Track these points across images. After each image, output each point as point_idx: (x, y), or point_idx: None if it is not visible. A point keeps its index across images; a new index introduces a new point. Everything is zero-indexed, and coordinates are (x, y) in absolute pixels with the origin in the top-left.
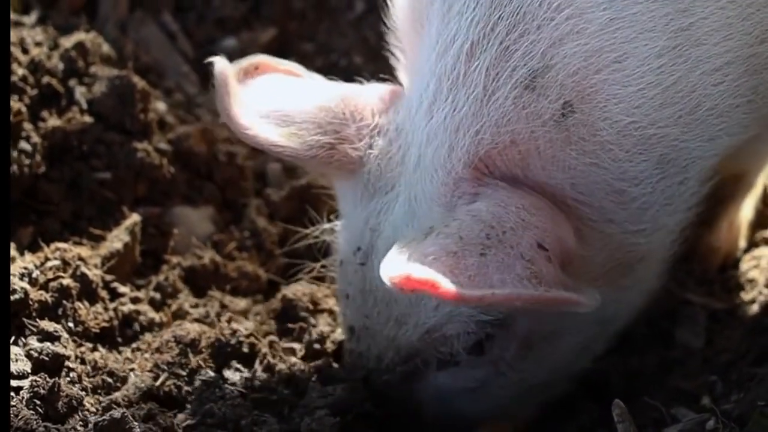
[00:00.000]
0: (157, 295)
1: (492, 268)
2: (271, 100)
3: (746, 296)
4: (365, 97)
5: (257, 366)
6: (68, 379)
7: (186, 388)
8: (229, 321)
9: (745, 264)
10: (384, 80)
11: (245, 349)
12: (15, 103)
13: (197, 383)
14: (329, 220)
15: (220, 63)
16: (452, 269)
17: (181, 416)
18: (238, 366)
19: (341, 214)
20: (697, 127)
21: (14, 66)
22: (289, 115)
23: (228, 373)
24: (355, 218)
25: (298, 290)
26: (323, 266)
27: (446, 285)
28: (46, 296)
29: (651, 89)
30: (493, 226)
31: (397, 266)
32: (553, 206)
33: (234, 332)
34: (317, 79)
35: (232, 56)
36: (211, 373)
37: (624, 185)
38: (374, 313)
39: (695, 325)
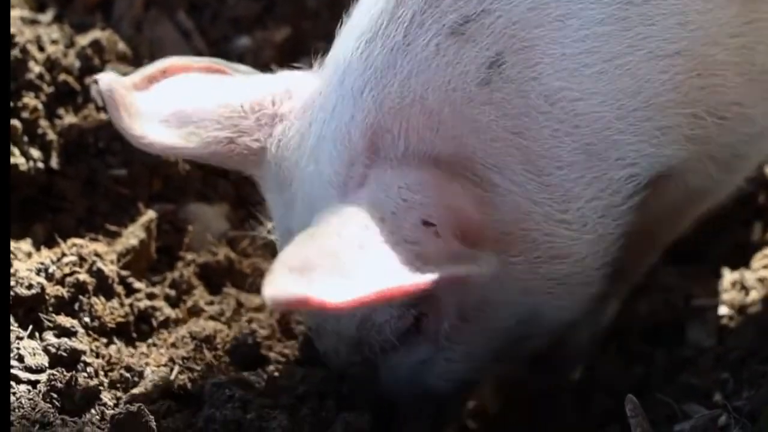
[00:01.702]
0: (172, 292)
1: (371, 259)
2: (172, 102)
3: (757, 294)
4: (269, 86)
5: (272, 367)
6: (85, 373)
7: (201, 383)
8: (249, 321)
9: (757, 262)
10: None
11: (263, 351)
12: (31, 100)
13: (212, 380)
14: None
15: (104, 79)
16: (330, 271)
17: (195, 411)
18: (254, 366)
19: (266, 195)
20: (632, 117)
21: (31, 63)
22: (187, 114)
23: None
24: (276, 212)
25: None
26: None
27: (319, 298)
28: (63, 291)
29: (589, 56)
30: (372, 215)
31: (271, 291)
32: (449, 176)
33: (252, 333)
34: (241, 71)
35: (246, 55)
36: (224, 373)
37: (545, 163)
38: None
39: (706, 323)
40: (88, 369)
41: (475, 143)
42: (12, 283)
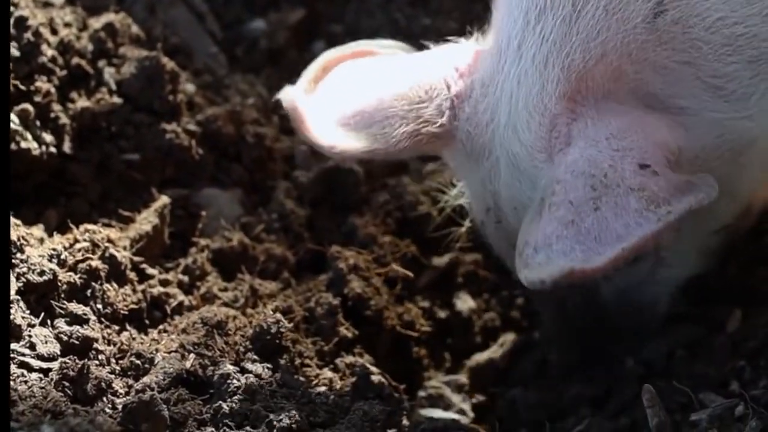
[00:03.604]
0: (186, 278)
1: (611, 217)
2: (345, 103)
3: None
4: (438, 68)
5: (285, 358)
6: (97, 361)
7: (213, 369)
8: (275, 310)
9: None
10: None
11: (278, 341)
12: (44, 84)
13: (220, 370)
14: (453, 185)
15: (286, 95)
16: (577, 240)
17: (206, 400)
18: (273, 356)
19: (459, 176)
20: None
21: (44, 47)
22: (368, 115)
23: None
24: (474, 181)
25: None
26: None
27: (581, 266)
28: (75, 278)
29: None
30: (593, 173)
31: (534, 270)
32: (642, 113)
33: (277, 321)
34: (389, 50)
35: (260, 37)
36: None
37: (719, 82)
38: None
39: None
40: (100, 357)
41: (655, 80)
42: (24, 269)
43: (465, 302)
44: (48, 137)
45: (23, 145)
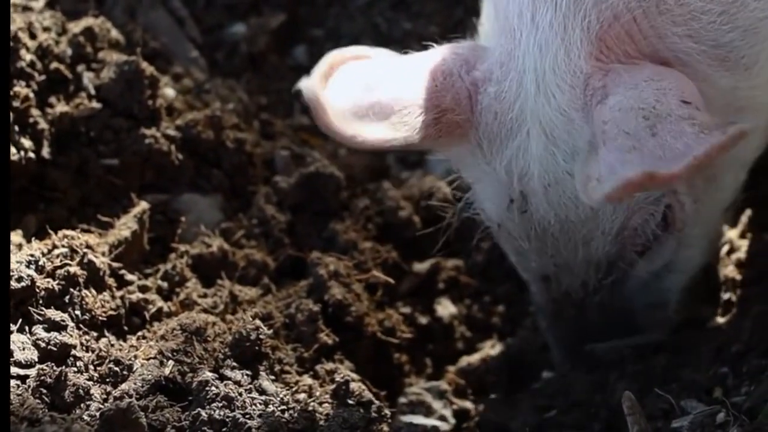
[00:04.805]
0: (165, 284)
1: (670, 139)
2: (358, 95)
3: (757, 288)
4: (446, 61)
5: (264, 365)
6: (75, 368)
7: (191, 376)
8: (254, 316)
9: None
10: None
11: (257, 347)
12: (23, 89)
13: (198, 377)
14: (456, 200)
15: (306, 86)
16: (642, 162)
17: (185, 407)
18: (247, 363)
19: (471, 180)
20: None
21: (22, 51)
22: (386, 105)
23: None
24: (491, 176)
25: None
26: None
27: (661, 169)
28: (53, 284)
29: None
30: (642, 107)
31: (607, 182)
32: (665, 66)
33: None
34: (385, 54)
35: (241, 42)
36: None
37: (721, 52)
38: (559, 248)
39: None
40: (78, 363)
41: (664, 48)
42: None
43: (446, 308)
44: (27, 142)
45: None
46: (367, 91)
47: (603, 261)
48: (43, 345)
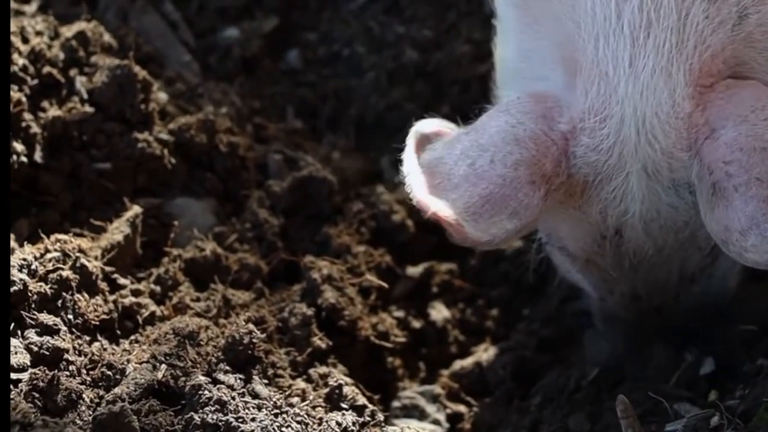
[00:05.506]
0: (158, 288)
1: None
2: (464, 195)
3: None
4: (525, 124)
5: (258, 369)
6: (67, 372)
7: (184, 380)
8: (247, 320)
9: None
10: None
11: (250, 352)
12: (15, 93)
13: (191, 381)
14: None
15: (438, 209)
16: None
17: (178, 411)
18: (240, 367)
19: (550, 224)
20: None
21: (14, 56)
22: (498, 195)
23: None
24: (578, 218)
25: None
26: None
27: None
28: (46, 288)
29: None
30: (764, 147)
31: (755, 237)
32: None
33: (249, 332)
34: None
35: (234, 45)
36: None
37: None
38: (654, 271)
39: None
40: (71, 367)
41: (744, 69)
42: None
43: (440, 312)
44: (19, 146)
45: None
46: (471, 186)
47: (697, 274)
48: (35, 349)
